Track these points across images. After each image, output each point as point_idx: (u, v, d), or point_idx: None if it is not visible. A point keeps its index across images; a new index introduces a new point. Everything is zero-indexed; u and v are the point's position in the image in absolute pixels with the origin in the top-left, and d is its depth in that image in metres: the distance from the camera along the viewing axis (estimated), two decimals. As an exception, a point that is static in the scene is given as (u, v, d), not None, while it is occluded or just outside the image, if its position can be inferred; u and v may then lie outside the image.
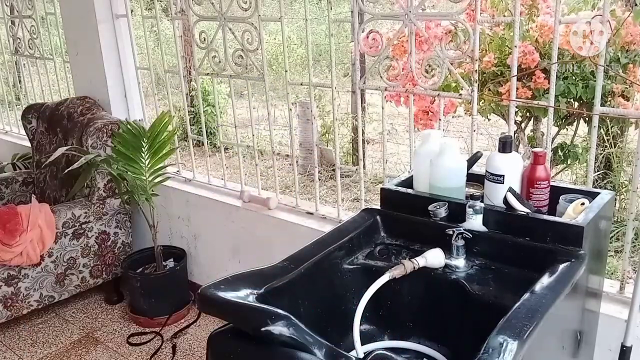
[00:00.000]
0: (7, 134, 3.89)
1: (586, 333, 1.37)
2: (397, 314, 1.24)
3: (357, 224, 1.32)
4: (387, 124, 5.14)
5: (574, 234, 1.14)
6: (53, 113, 2.88)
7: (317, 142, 2.38)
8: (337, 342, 1.10)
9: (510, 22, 1.70)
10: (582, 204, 1.27)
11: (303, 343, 0.89)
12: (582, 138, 3.34)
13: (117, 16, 2.75)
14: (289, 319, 0.91)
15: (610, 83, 2.61)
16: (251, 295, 1.01)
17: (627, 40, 2.45)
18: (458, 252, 1.18)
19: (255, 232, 2.41)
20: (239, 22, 2.27)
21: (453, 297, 1.16)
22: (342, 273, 1.22)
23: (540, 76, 2.50)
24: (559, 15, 1.51)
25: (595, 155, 1.62)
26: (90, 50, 2.80)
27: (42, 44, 3.36)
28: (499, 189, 1.28)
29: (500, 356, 0.82)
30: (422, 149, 1.39)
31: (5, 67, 4.76)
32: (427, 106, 2.53)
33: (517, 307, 0.94)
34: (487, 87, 2.62)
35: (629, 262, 1.57)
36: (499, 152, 1.29)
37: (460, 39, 1.69)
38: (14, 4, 3.39)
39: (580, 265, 1.09)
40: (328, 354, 0.89)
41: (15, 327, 2.56)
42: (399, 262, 1.21)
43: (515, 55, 1.64)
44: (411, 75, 1.82)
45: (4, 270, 2.32)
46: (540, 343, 1.00)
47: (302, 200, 2.37)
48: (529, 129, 3.20)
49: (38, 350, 2.40)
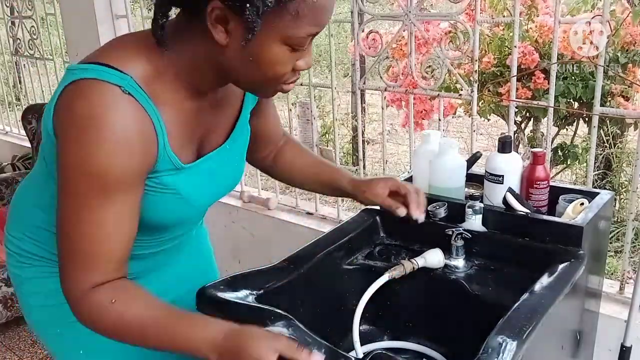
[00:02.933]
0: (7, 134, 3.89)
1: (586, 333, 1.37)
2: (396, 314, 1.24)
3: (356, 224, 1.32)
4: (387, 125, 5.15)
5: (574, 234, 1.14)
6: (53, 113, 2.88)
7: (317, 143, 2.39)
8: (336, 342, 1.11)
9: (510, 23, 1.70)
10: (581, 204, 1.27)
11: (303, 343, 0.89)
12: (582, 138, 3.35)
13: (117, 17, 2.75)
14: (288, 319, 0.91)
15: (609, 83, 2.62)
16: (251, 295, 1.01)
17: (627, 41, 2.45)
18: (457, 252, 1.18)
19: (255, 232, 2.41)
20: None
21: (452, 297, 1.16)
22: (341, 273, 1.22)
23: (539, 76, 2.51)
24: (558, 16, 1.51)
25: (595, 155, 1.62)
26: (90, 51, 2.79)
27: (42, 45, 3.36)
28: (499, 189, 1.28)
29: (499, 356, 0.82)
30: (422, 149, 1.39)
31: (5, 67, 4.76)
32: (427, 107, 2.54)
33: (517, 307, 0.94)
34: (486, 88, 2.62)
35: (628, 262, 1.58)
36: (499, 152, 1.29)
37: (459, 40, 1.69)
38: (14, 4, 3.39)
39: (580, 265, 1.09)
40: (327, 354, 0.89)
41: (15, 327, 2.56)
42: (398, 262, 1.21)
43: (515, 55, 1.64)
44: (411, 76, 1.82)
45: (4, 270, 2.32)
46: (540, 343, 1.00)
47: (302, 201, 2.37)
48: (529, 129, 3.21)
49: (38, 350, 2.40)
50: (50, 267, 1.04)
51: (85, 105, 0.82)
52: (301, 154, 1.27)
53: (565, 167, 3.12)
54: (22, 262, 1.08)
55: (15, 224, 1.10)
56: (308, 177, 1.27)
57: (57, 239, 0.88)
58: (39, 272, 1.07)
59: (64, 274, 0.89)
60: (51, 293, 1.02)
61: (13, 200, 1.12)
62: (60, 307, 0.98)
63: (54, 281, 0.97)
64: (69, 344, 1.10)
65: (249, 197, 2.46)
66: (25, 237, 1.07)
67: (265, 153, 1.26)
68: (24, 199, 1.09)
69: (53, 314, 1.06)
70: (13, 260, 1.10)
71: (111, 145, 0.82)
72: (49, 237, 1.01)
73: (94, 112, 0.81)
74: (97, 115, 0.81)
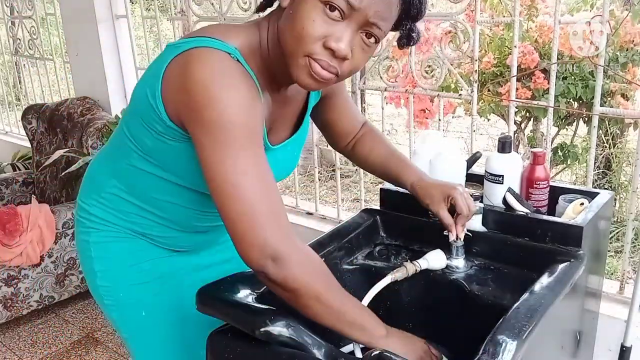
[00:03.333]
0: (7, 134, 3.89)
1: (586, 333, 1.37)
2: (396, 314, 1.24)
3: (356, 225, 1.32)
4: (387, 124, 5.14)
5: (573, 234, 1.14)
6: (53, 113, 2.88)
7: (317, 142, 2.38)
8: (336, 342, 1.10)
9: (510, 23, 1.70)
10: (581, 204, 1.27)
11: (302, 343, 0.89)
12: (582, 138, 3.34)
13: (117, 16, 2.75)
14: (288, 319, 0.91)
15: (609, 82, 2.62)
16: (251, 295, 1.01)
17: (626, 40, 2.45)
18: (457, 252, 1.18)
19: (255, 232, 2.41)
20: (239, 22, 2.28)
21: (452, 297, 1.16)
22: (341, 273, 1.22)
23: (539, 76, 2.51)
24: (558, 16, 1.51)
25: (595, 155, 1.62)
26: (90, 51, 2.80)
27: (42, 45, 3.36)
28: (499, 189, 1.28)
29: (499, 356, 0.82)
30: (422, 149, 1.39)
31: (5, 67, 4.77)
32: (427, 106, 2.53)
33: (516, 307, 0.94)
34: (486, 88, 2.62)
35: (628, 262, 1.58)
36: (499, 152, 1.29)
37: (460, 40, 1.69)
38: (14, 4, 3.39)
39: (580, 265, 1.09)
40: (327, 354, 0.89)
41: (15, 327, 2.56)
42: (399, 263, 1.21)
43: (515, 55, 1.64)
44: (411, 76, 1.82)
45: (4, 270, 2.32)
46: (540, 343, 1.00)
47: (302, 201, 2.37)
48: (529, 129, 3.20)
49: (38, 350, 2.40)
50: (115, 232, 1.11)
51: (207, 68, 0.85)
52: (376, 146, 1.28)
53: (565, 167, 3.12)
54: (90, 227, 1.13)
55: (87, 192, 1.15)
56: (379, 171, 1.29)
57: (229, 215, 0.85)
58: (104, 237, 1.12)
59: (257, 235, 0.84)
60: (116, 257, 1.12)
61: (88, 172, 1.18)
62: (124, 270, 1.10)
63: (118, 246, 1.11)
64: (131, 307, 1.15)
65: (249, 197, 2.46)
66: (96, 203, 1.12)
67: (343, 144, 1.30)
68: (99, 168, 1.14)
69: (117, 278, 1.13)
70: (82, 226, 1.14)
71: (242, 99, 0.85)
72: (120, 203, 1.09)
73: (216, 74, 0.85)
74: (220, 75, 0.85)
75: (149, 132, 0.96)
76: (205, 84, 0.84)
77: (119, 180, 1.08)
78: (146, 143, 0.99)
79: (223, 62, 0.87)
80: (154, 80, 0.92)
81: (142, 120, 0.96)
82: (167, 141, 0.95)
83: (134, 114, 1.00)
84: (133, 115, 1.00)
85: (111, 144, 1.13)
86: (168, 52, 0.92)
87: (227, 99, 0.84)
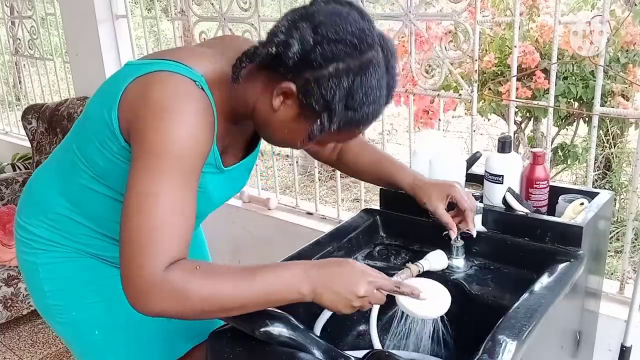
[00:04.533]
0: (7, 134, 3.89)
1: (585, 333, 1.37)
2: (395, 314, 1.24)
3: (356, 224, 1.32)
4: (387, 124, 5.14)
5: (573, 234, 1.14)
6: (53, 113, 2.88)
7: (317, 143, 2.37)
8: (336, 342, 1.10)
9: (511, 22, 1.70)
10: (581, 204, 1.27)
11: (302, 343, 0.89)
12: (582, 138, 3.34)
13: (117, 16, 2.75)
14: (288, 320, 0.91)
15: (609, 83, 2.61)
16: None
17: (627, 40, 2.45)
18: (457, 252, 1.18)
19: (255, 232, 2.41)
20: (239, 22, 2.27)
21: (452, 297, 1.15)
22: (341, 273, 1.22)
23: (540, 76, 2.51)
24: (558, 15, 1.51)
25: (595, 155, 1.62)
26: (90, 51, 2.80)
27: (42, 45, 3.36)
28: (498, 189, 1.28)
29: (499, 356, 0.82)
30: (422, 149, 1.39)
31: (5, 67, 4.77)
32: (427, 105, 2.53)
33: (516, 307, 0.94)
34: (487, 87, 2.62)
35: (628, 262, 1.57)
36: (499, 152, 1.29)
37: (460, 39, 1.69)
38: (14, 4, 3.39)
39: (580, 265, 1.09)
40: (327, 354, 0.89)
41: (15, 327, 2.56)
42: (399, 263, 1.21)
43: (515, 55, 1.64)
44: (411, 76, 1.82)
45: (4, 270, 2.32)
46: (539, 343, 1.00)
47: (302, 201, 2.37)
48: (529, 129, 3.20)
49: (38, 350, 2.40)
50: (64, 253, 1.08)
51: (166, 92, 0.86)
52: (362, 154, 1.28)
53: (565, 167, 3.12)
54: (36, 249, 1.10)
55: (30, 210, 1.11)
56: (371, 176, 1.30)
57: (126, 225, 0.84)
58: (52, 258, 1.09)
59: (137, 259, 0.82)
60: (67, 277, 1.09)
61: (29, 188, 1.13)
62: (76, 290, 1.07)
63: (69, 266, 1.07)
64: (84, 326, 1.13)
65: (249, 197, 2.46)
66: (41, 224, 1.09)
67: (325, 156, 1.31)
68: (44, 186, 1.10)
69: (69, 297, 1.11)
70: (26, 247, 1.11)
71: (192, 129, 0.86)
72: (69, 224, 1.06)
73: (174, 100, 0.86)
74: (178, 101, 0.86)
75: (101, 152, 0.95)
76: (159, 106, 0.85)
77: (68, 200, 1.05)
78: (98, 164, 0.97)
79: (184, 88, 0.87)
80: (111, 99, 0.91)
81: (96, 140, 0.95)
82: (119, 163, 0.94)
83: (85, 133, 0.98)
84: (84, 135, 0.99)
85: (57, 161, 1.09)
86: (128, 70, 0.91)
87: (175, 128, 0.85)
